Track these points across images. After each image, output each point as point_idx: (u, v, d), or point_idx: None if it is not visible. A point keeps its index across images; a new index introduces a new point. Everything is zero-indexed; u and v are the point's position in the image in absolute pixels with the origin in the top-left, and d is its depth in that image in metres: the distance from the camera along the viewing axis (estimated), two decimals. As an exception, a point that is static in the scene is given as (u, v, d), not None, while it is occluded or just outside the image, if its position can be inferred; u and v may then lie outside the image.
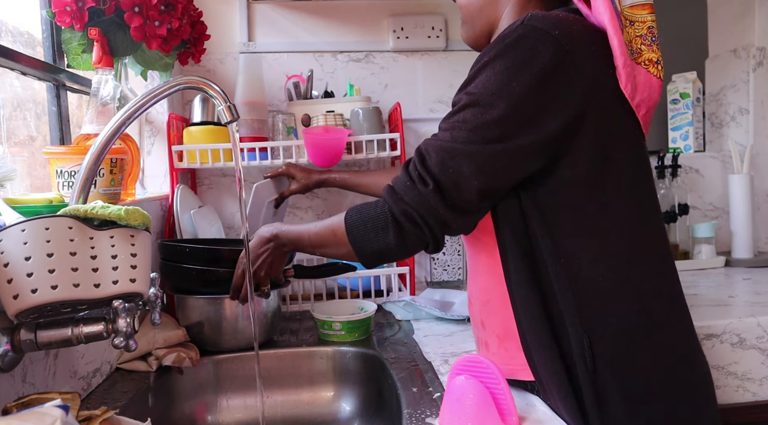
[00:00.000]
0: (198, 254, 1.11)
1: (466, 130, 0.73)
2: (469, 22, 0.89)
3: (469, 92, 0.74)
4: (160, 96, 0.87)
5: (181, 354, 1.05)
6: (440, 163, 0.73)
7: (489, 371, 0.72)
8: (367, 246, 0.79)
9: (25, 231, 0.61)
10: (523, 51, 0.70)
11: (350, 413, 1.12)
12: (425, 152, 0.75)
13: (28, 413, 0.51)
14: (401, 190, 0.75)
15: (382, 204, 0.78)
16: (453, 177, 0.73)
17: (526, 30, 0.71)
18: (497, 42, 0.72)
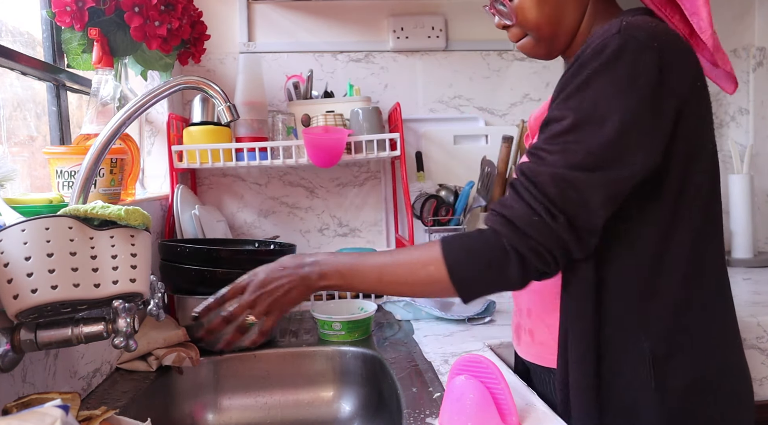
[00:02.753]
0: (198, 254, 1.11)
1: (582, 153, 0.68)
2: (552, 37, 0.83)
3: (574, 108, 0.70)
4: (160, 96, 0.87)
5: (181, 354, 1.05)
6: (562, 195, 0.68)
7: (489, 371, 0.72)
8: (477, 284, 0.74)
9: (25, 231, 0.61)
10: (627, 64, 0.68)
11: (350, 413, 1.12)
12: (539, 181, 0.70)
13: (28, 413, 0.51)
14: (526, 225, 0.69)
15: (495, 239, 0.71)
16: (582, 209, 0.69)
17: (624, 41, 0.69)
18: (595, 54, 0.69)
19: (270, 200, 1.67)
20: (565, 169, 0.69)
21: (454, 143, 1.72)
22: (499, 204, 0.73)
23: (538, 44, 0.84)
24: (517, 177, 0.72)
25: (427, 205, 1.57)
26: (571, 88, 0.71)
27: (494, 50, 1.74)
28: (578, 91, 0.70)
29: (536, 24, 0.81)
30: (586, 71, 0.69)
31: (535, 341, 0.88)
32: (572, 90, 0.70)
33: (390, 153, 1.40)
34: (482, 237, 0.72)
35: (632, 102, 0.68)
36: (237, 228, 1.66)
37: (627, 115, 0.68)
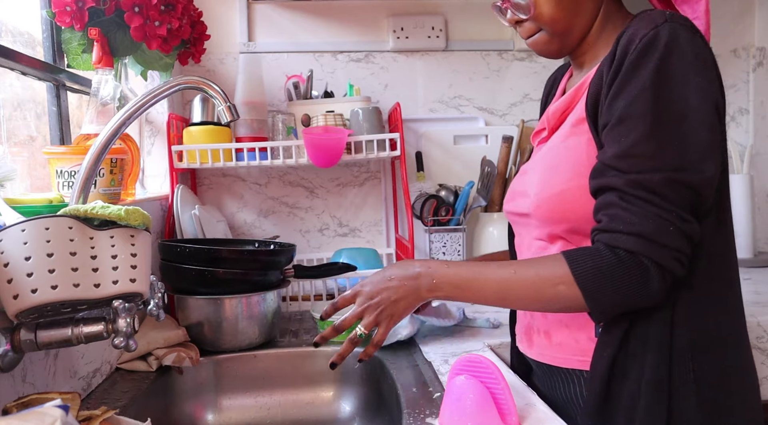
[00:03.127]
0: (198, 254, 1.11)
1: (683, 149, 0.67)
2: (568, 32, 0.82)
3: (654, 103, 0.68)
4: (160, 96, 0.87)
5: (181, 354, 1.05)
6: (684, 199, 0.68)
7: (489, 371, 0.72)
8: (614, 305, 0.72)
9: (25, 231, 0.61)
10: (691, 49, 0.69)
11: (350, 413, 1.12)
12: (659, 191, 0.68)
13: (28, 413, 0.51)
14: (665, 238, 0.67)
15: (631, 259, 0.68)
16: (701, 207, 0.70)
17: (678, 28, 0.69)
18: (651, 43, 0.69)
19: (270, 200, 1.67)
20: (675, 171, 0.68)
21: (454, 143, 1.72)
22: (618, 223, 0.69)
23: (551, 40, 0.83)
24: (625, 190, 0.69)
25: (427, 205, 1.57)
26: (639, 76, 0.69)
27: (494, 50, 1.74)
28: (649, 80, 0.68)
29: (552, 18, 0.80)
30: (649, 59, 0.68)
31: (553, 342, 0.85)
32: (641, 79, 0.69)
33: (390, 153, 1.40)
34: (615, 257, 0.69)
35: (707, 86, 0.69)
36: (237, 228, 1.66)
37: (707, 103, 0.69)
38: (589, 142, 0.77)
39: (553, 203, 0.79)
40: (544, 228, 0.83)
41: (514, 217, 0.93)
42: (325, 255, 1.64)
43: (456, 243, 1.59)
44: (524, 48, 1.72)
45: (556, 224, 0.80)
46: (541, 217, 0.81)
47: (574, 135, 0.79)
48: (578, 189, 0.76)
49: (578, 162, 0.77)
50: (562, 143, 0.81)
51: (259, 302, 1.15)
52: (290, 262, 1.24)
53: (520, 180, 0.91)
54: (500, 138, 1.64)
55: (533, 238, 0.87)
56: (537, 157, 0.88)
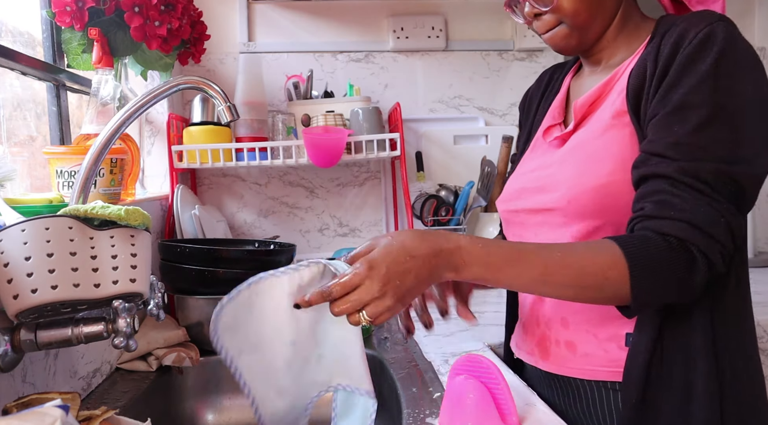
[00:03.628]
0: (198, 254, 1.11)
1: (736, 143, 0.67)
2: (588, 26, 0.81)
3: (710, 95, 0.67)
4: (160, 96, 0.87)
5: (181, 354, 1.05)
6: (736, 193, 0.67)
7: (489, 371, 0.72)
8: (656, 295, 0.69)
9: (25, 231, 0.61)
10: (745, 49, 0.69)
11: (350, 413, 1.12)
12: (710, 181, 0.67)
13: (28, 413, 0.51)
14: (715, 229, 0.66)
15: (682, 247, 0.66)
16: (750, 204, 0.70)
17: (732, 28, 0.70)
18: (707, 39, 0.68)
19: (270, 200, 1.67)
20: (726, 163, 0.66)
21: (454, 143, 1.72)
22: (669, 209, 0.67)
23: (571, 33, 0.81)
24: (676, 177, 0.67)
25: (427, 205, 1.57)
26: (697, 69, 0.68)
27: (494, 50, 1.74)
28: (708, 73, 0.68)
29: (575, 9, 0.79)
30: (708, 53, 0.68)
31: (578, 354, 0.81)
32: (700, 71, 0.68)
33: (390, 153, 1.40)
34: (666, 243, 0.66)
35: (763, 82, 0.69)
36: (237, 228, 1.66)
37: (764, 102, 0.69)
38: (632, 135, 0.75)
39: (593, 195, 0.75)
40: (574, 223, 0.78)
41: (524, 216, 0.87)
42: (325, 255, 1.64)
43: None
44: (524, 48, 1.72)
45: (592, 218, 0.77)
46: (575, 211, 0.77)
47: (615, 127, 0.77)
48: (623, 182, 0.74)
49: (622, 154, 0.75)
50: (601, 137, 0.78)
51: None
52: (290, 262, 1.24)
53: (532, 177, 0.86)
54: (500, 138, 1.64)
55: (553, 238, 0.82)
56: (563, 151, 0.83)
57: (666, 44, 0.72)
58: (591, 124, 0.81)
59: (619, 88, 0.78)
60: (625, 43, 0.83)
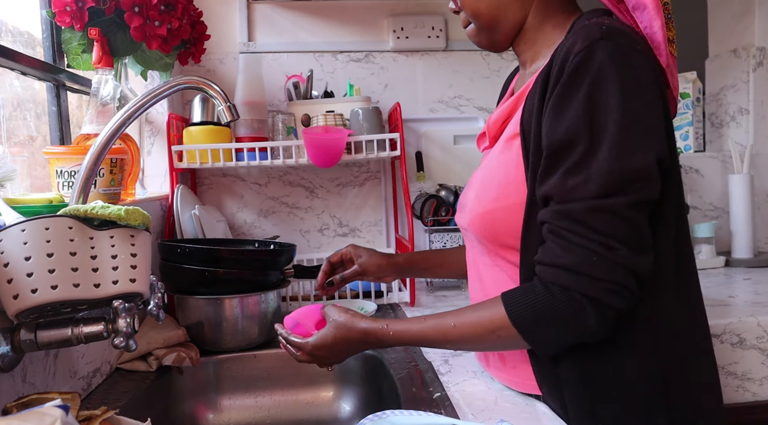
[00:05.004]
0: (198, 254, 1.11)
1: (608, 176, 0.65)
2: (492, 27, 0.81)
3: (582, 129, 0.66)
4: (160, 96, 0.87)
5: (181, 354, 1.05)
6: (610, 225, 0.65)
7: None
8: (553, 340, 0.71)
9: (25, 231, 0.61)
10: (624, 71, 0.66)
11: (350, 413, 1.12)
12: (581, 219, 0.66)
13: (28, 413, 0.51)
14: (590, 268, 0.65)
15: (563, 294, 0.66)
16: (633, 232, 0.66)
17: (615, 47, 0.66)
18: (584, 62, 0.66)
19: (270, 200, 1.67)
20: (599, 198, 0.65)
21: (454, 143, 1.72)
22: (548, 256, 0.68)
23: (479, 33, 0.83)
24: (551, 222, 0.68)
25: (427, 205, 1.57)
26: (570, 104, 0.67)
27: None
28: (581, 108, 0.66)
29: (474, 11, 0.81)
30: (581, 83, 0.66)
31: (507, 365, 0.83)
32: (573, 106, 0.66)
33: (390, 153, 1.40)
34: (548, 294, 0.67)
35: (642, 109, 0.66)
36: (237, 228, 1.66)
37: (639, 126, 0.66)
38: (517, 159, 0.75)
39: (484, 221, 0.78)
40: (480, 244, 0.83)
41: (462, 231, 0.92)
42: (325, 255, 1.64)
43: (456, 243, 1.58)
44: (524, 48, 1.72)
45: (489, 241, 0.80)
46: (476, 233, 0.81)
47: (506, 150, 0.77)
48: (505, 209, 0.75)
49: (505, 181, 0.76)
50: (496, 158, 0.79)
51: (259, 302, 1.15)
52: (290, 262, 1.24)
53: (465, 192, 0.91)
54: (500, 138, 1.64)
55: (477, 253, 0.86)
56: (479, 169, 0.87)
57: (556, 64, 0.70)
58: (499, 142, 0.82)
59: (522, 105, 0.77)
60: (546, 43, 0.80)
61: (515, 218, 0.74)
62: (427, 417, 0.72)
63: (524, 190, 0.74)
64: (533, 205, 0.73)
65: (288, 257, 1.22)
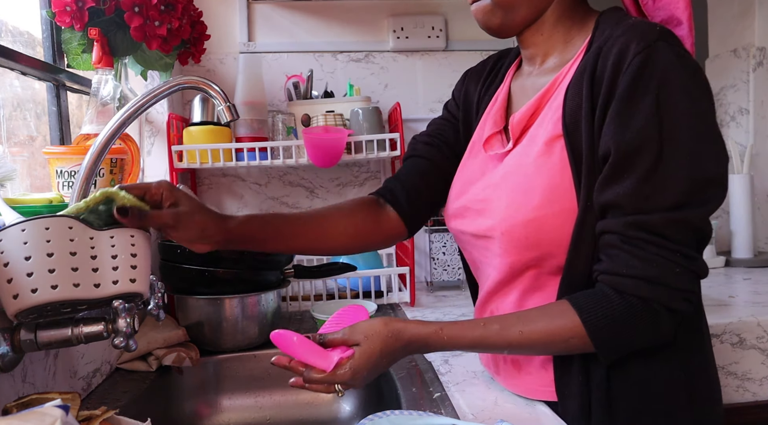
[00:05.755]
0: (198, 254, 1.10)
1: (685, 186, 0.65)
2: (511, 5, 0.76)
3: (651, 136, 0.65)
4: (160, 96, 0.87)
5: (181, 354, 1.05)
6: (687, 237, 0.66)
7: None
8: (623, 348, 0.70)
9: (25, 231, 0.61)
10: (689, 76, 0.66)
11: (350, 413, 1.12)
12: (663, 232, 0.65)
13: (28, 413, 0.51)
14: (673, 280, 0.65)
15: (642, 304, 0.66)
16: (704, 244, 0.69)
17: (671, 53, 0.66)
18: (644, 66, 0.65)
19: (270, 200, 1.67)
20: (676, 208, 0.65)
21: (454, 143, 1.72)
22: (624, 267, 0.66)
23: (493, 10, 0.77)
24: (625, 233, 0.66)
25: (427, 205, 1.56)
26: (638, 108, 0.65)
27: (494, 50, 1.73)
28: (650, 113, 0.65)
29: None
30: (646, 87, 0.65)
31: (522, 372, 0.81)
32: (641, 110, 0.65)
33: (390, 153, 1.40)
34: (626, 304, 0.66)
35: (708, 114, 0.66)
36: (237, 228, 1.66)
37: (709, 133, 0.66)
38: (561, 163, 0.71)
39: (523, 230, 0.73)
40: (511, 255, 0.76)
41: (468, 237, 0.85)
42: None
43: (456, 243, 1.59)
44: (524, 48, 1.72)
45: (527, 251, 0.74)
46: (510, 243, 0.75)
47: (546, 154, 0.73)
48: (553, 216, 0.71)
49: (550, 187, 0.72)
50: (533, 162, 0.74)
51: (259, 302, 1.15)
52: (290, 262, 1.24)
53: (473, 195, 0.83)
54: (500, 138, 1.64)
55: (495, 264, 0.80)
56: (501, 173, 0.79)
57: (605, 64, 0.68)
58: (526, 142, 0.77)
59: (555, 103, 0.74)
60: (562, 41, 0.78)
61: (562, 225, 0.71)
62: (427, 417, 0.72)
63: (572, 196, 0.71)
64: (587, 212, 0.70)
65: (288, 257, 1.22)
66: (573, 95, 0.71)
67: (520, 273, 0.77)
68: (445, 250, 1.58)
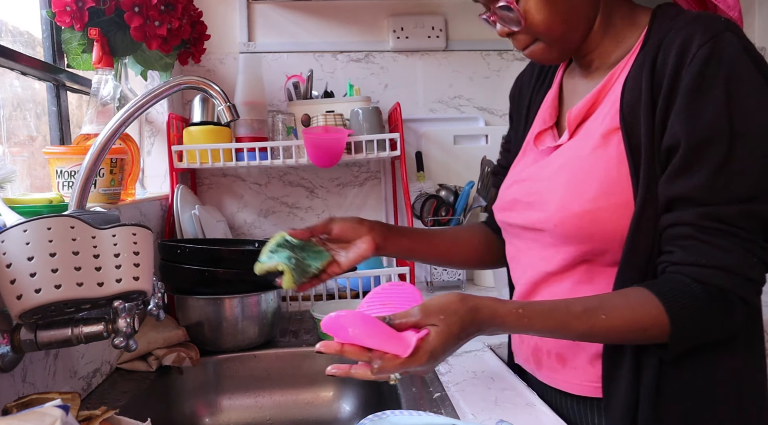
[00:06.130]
0: (198, 254, 1.11)
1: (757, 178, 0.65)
2: (566, 38, 0.76)
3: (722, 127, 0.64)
4: (160, 96, 0.87)
5: (181, 354, 1.05)
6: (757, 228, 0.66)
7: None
8: (696, 340, 0.69)
9: (27, 231, 0.61)
10: (757, 68, 0.66)
11: (350, 413, 1.12)
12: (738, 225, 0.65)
13: (28, 413, 0.51)
14: (750, 271, 0.65)
15: (722, 295, 0.65)
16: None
17: (743, 44, 0.66)
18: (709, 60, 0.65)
19: (270, 200, 1.67)
20: (749, 200, 0.65)
21: (454, 143, 1.72)
22: (702, 257, 0.66)
23: (550, 48, 0.77)
24: (701, 224, 0.66)
25: (427, 205, 1.57)
26: (707, 100, 0.65)
27: (494, 50, 1.74)
28: (720, 104, 0.64)
29: (548, 25, 0.73)
30: (715, 77, 0.64)
31: (567, 367, 0.79)
32: (710, 102, 0.65)
33: (390, 153, 1.40)
34: (708, 295, 0.66)
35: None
36: (237, 228, 1.66)
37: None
38: (618, 156, 0.71)
39: (578, 221, 0.72)
40: (564, 246, 0.76)
41: (517, 230, 0.85)
42: (325, 255, 1.64)
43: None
44: (524, 48, 1.72)
45: (581, 244, 0.74)
46: (563, 235, 0.75)
47: (603, 146, 0.72)
48: (608, 208, 0.71)
49: (606, 179, 0.71)
50: (589, 155, 0.73)
51: (259, 302, 1.15)
52: (290, 262, 1.24)
53: (524, 188, 0.83)
54: (500, 138, 1.64)
55: (545, 256, 0.80)
56: (554, 165, 0.79)
57: (666, 57, 0.68)
58: (581, 136, 0.77)
59: (613, 97, 0.74)
60: (614, 41, 0.78)
61: (618, 217, 0.71)
62: (427, 417, 0.72)
63: (628, 188, 0.70)
64: (647, 204, 0.69)
65: (288, 257, 1.21)
66: (631, 88, 0.71)
67: (573, 267, 0.77)
68: (445, 250, 1.58)
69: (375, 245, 0.88)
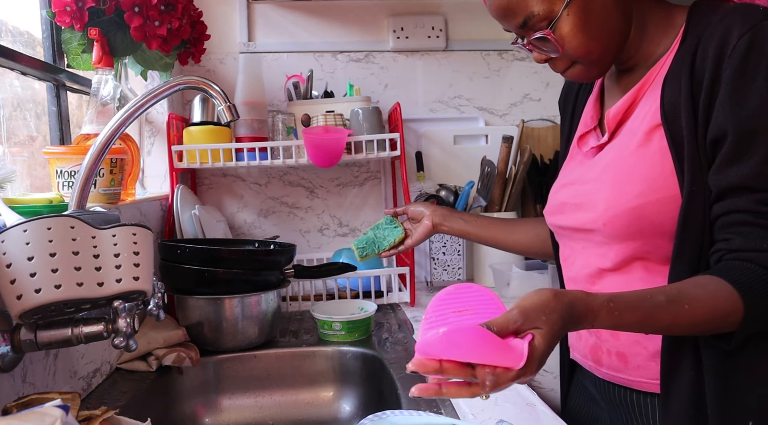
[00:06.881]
0: (198, 254, 1.11)
1: None
2: (604, 56, 0.77)
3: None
4: (160, 96, 0.87)
5: (181, 354, 1.05)
6: None
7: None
8: (760, 327, 0.68)
9: (27, 231, 0.61)
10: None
11: (350, 413, 1.12)
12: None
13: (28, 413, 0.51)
14: None
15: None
16: None
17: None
18: (751, 49, 0.65)
19: (270, 200, 1.67)
20: None
21: (454, 143, 1.72)
22: (763, 240, 0.66)
23: (590, 68, 0.77)
24: (760, 210, 0.66)
25: (427, 205, 1.57)
26: (752, 89, 0.65)
27: (494, 50, 1.74)
28: (765, 93, 0.64)
29: (586, 49, 0.74)
30: (757, 66, 0.65)
31: (630, 365, 0.79)
32: (755, 92, 0.65)
33: (390, 153, 1.40)
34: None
35: None
36: (237, 228, 1.66)
37: None
38: (661, 151, 0.72)
39: (627, 218, 0.73)
40: (616, 244, 0.77)
41: (569, 232, 0.86)
42: (325, 255, 1.64)
43: (456, 243, 1.59)
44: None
45: (632, 240, 0.75)
46: (613, 234, 0.76)
47: (646, 143, 0.73)
48: (655, 204, 0.72)
49: (651, 175, 0.72)
50: (633, 153, 0.75)
51: (259, 302, 1.15)
52: (290, 262, 1.24)
53: (572, 190, 0.84)
54: (500, 138, 1.64)
55: (599, 253, 0.80)
56: (599, 166, 0.80)
57: (706, 51, 0.68)
58: (624, 134, 0.78)
59: (653, 95, 0.75)
60: (652, 43, 0.78)
61: (666, 211, 0.71)
62: (427, 417, 0.72)
63: (674, 184, 0.71)
64: (694, 196, 0.69)
65: (288, 257, 1.22)
66: (672, 84, 0.71)
67: (627, 263, 0.77)
68: (445, 250, 1.58)
69: (432, 225, 1.13)
